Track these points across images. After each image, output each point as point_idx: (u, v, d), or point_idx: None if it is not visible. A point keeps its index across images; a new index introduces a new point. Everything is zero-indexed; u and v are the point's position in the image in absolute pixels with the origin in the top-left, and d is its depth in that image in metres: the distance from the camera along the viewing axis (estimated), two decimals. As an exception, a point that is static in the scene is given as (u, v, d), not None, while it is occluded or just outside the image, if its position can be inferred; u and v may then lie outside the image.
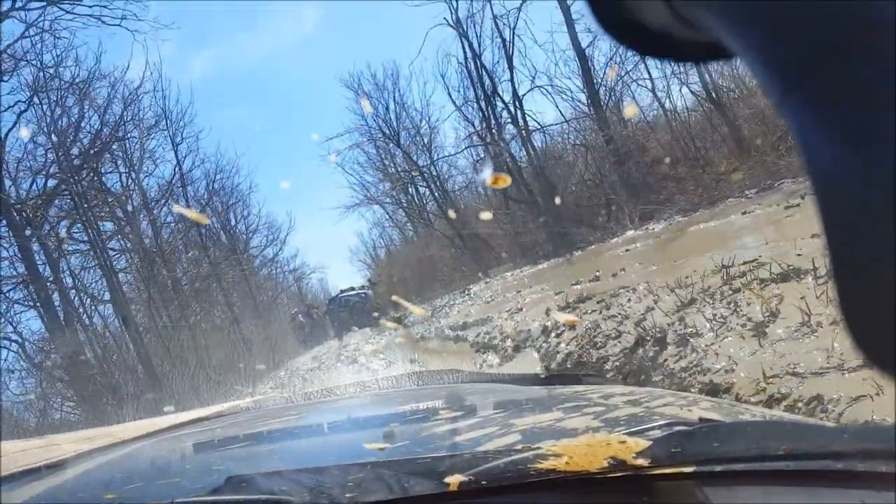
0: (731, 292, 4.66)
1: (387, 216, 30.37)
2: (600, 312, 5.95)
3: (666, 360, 4.13)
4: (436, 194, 25.58)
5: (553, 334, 6.21)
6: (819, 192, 0.28)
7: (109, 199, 20.24)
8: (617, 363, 4.63)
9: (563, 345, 5.73)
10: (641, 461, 0.80)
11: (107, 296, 19.38)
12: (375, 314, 19.27)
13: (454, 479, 0.81)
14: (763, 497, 0.79)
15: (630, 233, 13.63)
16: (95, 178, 19.95)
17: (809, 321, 3.49)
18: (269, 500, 0.82)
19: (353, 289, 23.13)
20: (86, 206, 18.95)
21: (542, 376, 2.03)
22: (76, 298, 18.73)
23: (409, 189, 27.13)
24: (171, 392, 16.13)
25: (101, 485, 1.20)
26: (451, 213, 22.74)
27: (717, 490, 0.81)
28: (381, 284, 25.27)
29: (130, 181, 21.35)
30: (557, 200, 18.69)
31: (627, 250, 11.12)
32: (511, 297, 9.98)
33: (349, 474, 0.87)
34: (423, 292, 21.61)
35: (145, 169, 21.84)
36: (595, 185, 19.17)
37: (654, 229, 13.15)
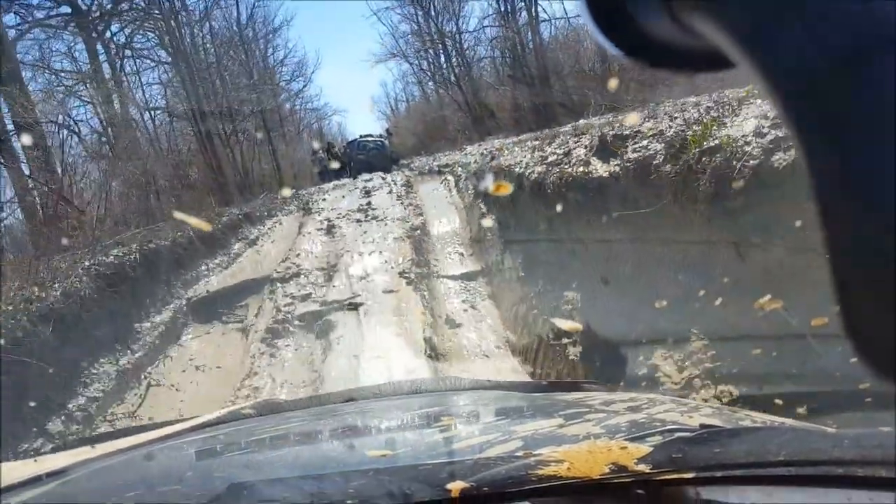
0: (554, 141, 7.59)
1: (412, 72, 32.38)
2: (504, 154, 9.58)
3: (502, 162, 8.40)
4: (454, 63, 28.12)
5: (482, 161, 11.07)
6: (822, 202, 0.28)
7: (161, 13, 21.93)
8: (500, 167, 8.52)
9: (474, 166, 11.26)
10: (643, 467, 0.81)
11: (161, 103, 22.36)
12: (390, 161, 20.83)
13: (456, 486, 0.82)
14: (763, 501, 0.79)
15: (581, 121, 15.49)
16: None
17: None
18: None
19: (371, 136, 23.39)
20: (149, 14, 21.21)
21: (543, 383, 2.02)
22: (136, 93, 21.46)
23: (436, 51, 29.51)
24: (219, 186, 18.68)
25: (102, 493, 1.20)
26: (465, 83, 26.22)
27: (718, 495, 0.81)
28: (397, 135, 26.57)
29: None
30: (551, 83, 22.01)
31: (563, 130, 14.19)
32: (485, 150, 12.89)
33: (351, 481, 0.87)
34: (432, 146, 23.91)
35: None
36: (582, 78, 21.42)
37: (595, 120, 16.25)
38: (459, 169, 12.86)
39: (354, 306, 7.30)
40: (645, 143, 4.94)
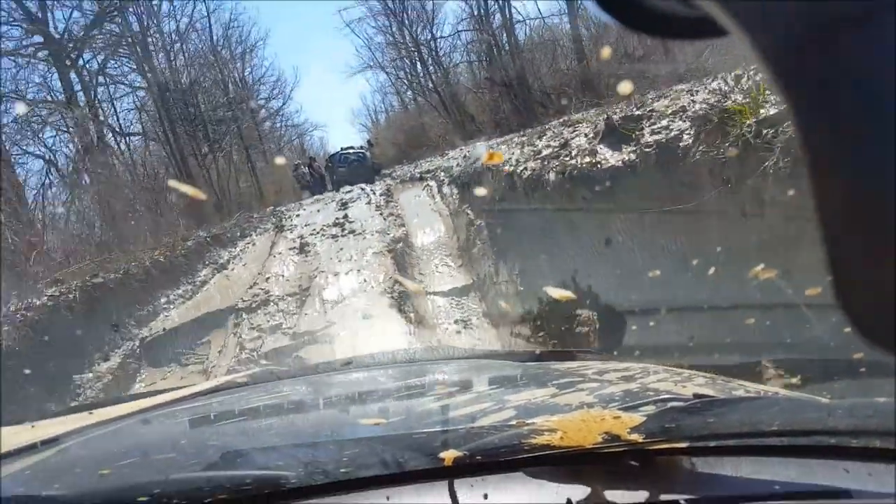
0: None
1: (390, 82, 32.60)
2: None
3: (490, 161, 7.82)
4: (430, 70, 28.32)
5: (465, 163, 10.70)
6: (815, 173, 0.28)
7: (132, 40, 22.07)
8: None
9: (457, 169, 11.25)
10: (636, 436, 0.81)
11: (137, 127, 22.51)
12: (373, 172, 21.01)
13: (449, 455, 0.82)
14: (756, 472, 0.80)
15: (563, 117, 15.66)
16: (125, 18, 21.95)
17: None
18: (265, 475, 0.83)
19: (352, 148, 23.58)
20: (122, 40, 21.33)
21: (537, 352, 2.03)
22: (111, 119, 21.61)
23: (412, 60, 29.57)
24: (198, 209, 18.18)
25: (96, 461, 1.20)
26: (443, 89, 26.43)
27: (711, 465, 0.81)
28: (378, 146, 26.86)
29: (151, 22, 23.33)
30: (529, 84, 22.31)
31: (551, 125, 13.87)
32: (468, 153, 12.72)
33: (344, 449, 0.87)
34: (414, 154, 24.10)
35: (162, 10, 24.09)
36: (560, 77, 21.60)
37: (574, 117, 15.64)
38: (442, 174, 12.69)
39: (329, 339, 6.58)
40: (664, 122, 4.22)
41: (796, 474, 0.78)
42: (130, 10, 21.90)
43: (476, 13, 25.61)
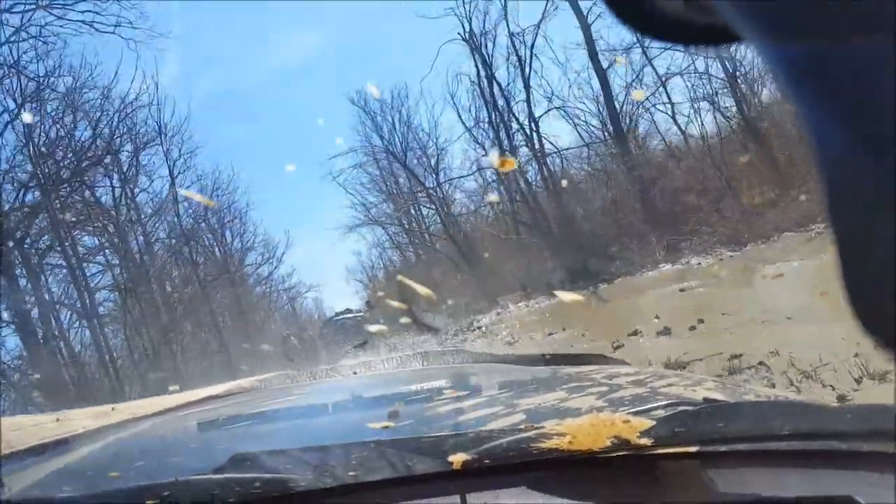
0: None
1: (387, 237, 29.11)
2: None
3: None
4: (441, 216, 24.55)
5: None
6: (826, 182, 0.28)
7: (95, 214, 19.46)
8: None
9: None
10: (645, 441, 0.80)
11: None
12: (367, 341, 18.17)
13: (458, 458, 0.82)
14: (766, 477, 0.79)
15: (666, 266, 11.39)
16: (83, 192, 19.24)
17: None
18: (273, 478, 0.83)
19: (349, 311, 22.06)
20: (65, 221, 18.14)
21: (547, 357, 2.03)
22: (54, 317, 17.77)
23: (413, 210, 26.35)
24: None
25: (105, 464, 1.21)
26: (456, 236, 22.34)
27: (721, 470, 0.81)
28: (378, 308, 22.96)
29: (122, 196, 20.60)
30: (574, 226, 18.29)
31: (682, 290, 9.22)
32: (539, 340, 8.10)
33: (353, 453, 0.88)
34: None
35: (139, 184, 21.18)
36: (615, 213, 18.15)
37: (698, 264, 10.91)
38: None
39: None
40: None
41: (806, 479, 0.78)
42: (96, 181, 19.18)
43: (491, 149, 21.53)
